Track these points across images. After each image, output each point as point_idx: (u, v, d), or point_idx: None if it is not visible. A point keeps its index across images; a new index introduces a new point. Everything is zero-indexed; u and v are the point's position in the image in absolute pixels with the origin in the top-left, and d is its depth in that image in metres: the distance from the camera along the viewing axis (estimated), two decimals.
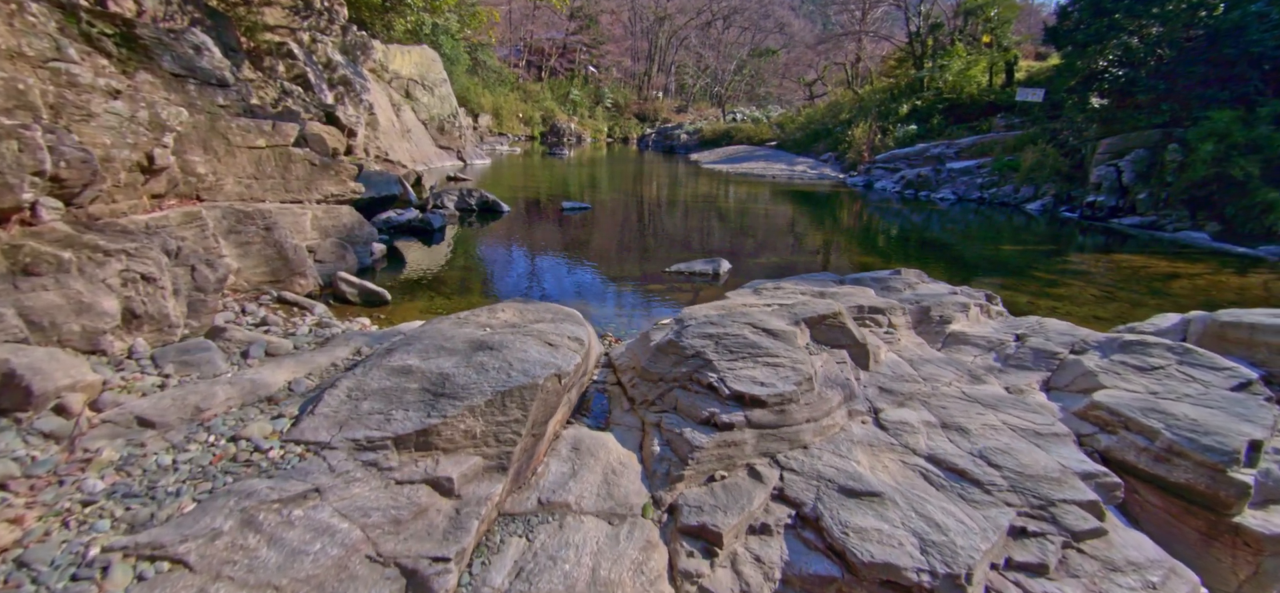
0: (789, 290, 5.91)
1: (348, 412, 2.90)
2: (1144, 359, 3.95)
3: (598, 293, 7.38)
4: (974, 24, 23.51)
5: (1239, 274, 10.17)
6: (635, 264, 8.89)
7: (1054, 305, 7.80)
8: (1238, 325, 4.55)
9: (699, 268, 7.95)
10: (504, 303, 4.96)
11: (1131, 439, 3.27)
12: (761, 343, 3.74)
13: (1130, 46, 15.31)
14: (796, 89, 41.13)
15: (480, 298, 6.91)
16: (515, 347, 3.41)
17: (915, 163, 20.12)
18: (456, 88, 31.63)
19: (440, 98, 22.12)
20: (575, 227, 11.61)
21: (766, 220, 14.04)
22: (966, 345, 5.06)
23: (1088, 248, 12.22)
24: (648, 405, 3.72)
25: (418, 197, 12.41)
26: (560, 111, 39.13)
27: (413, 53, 22.06)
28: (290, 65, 17.68)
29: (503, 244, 9.97)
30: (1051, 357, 4.40)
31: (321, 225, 7.42)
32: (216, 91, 6.96)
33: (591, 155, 31.43)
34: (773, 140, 29.64)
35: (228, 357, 4.20)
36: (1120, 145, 15.35)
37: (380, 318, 6.03)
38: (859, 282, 6.64)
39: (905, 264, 10.86)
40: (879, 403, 3.68)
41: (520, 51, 42.13)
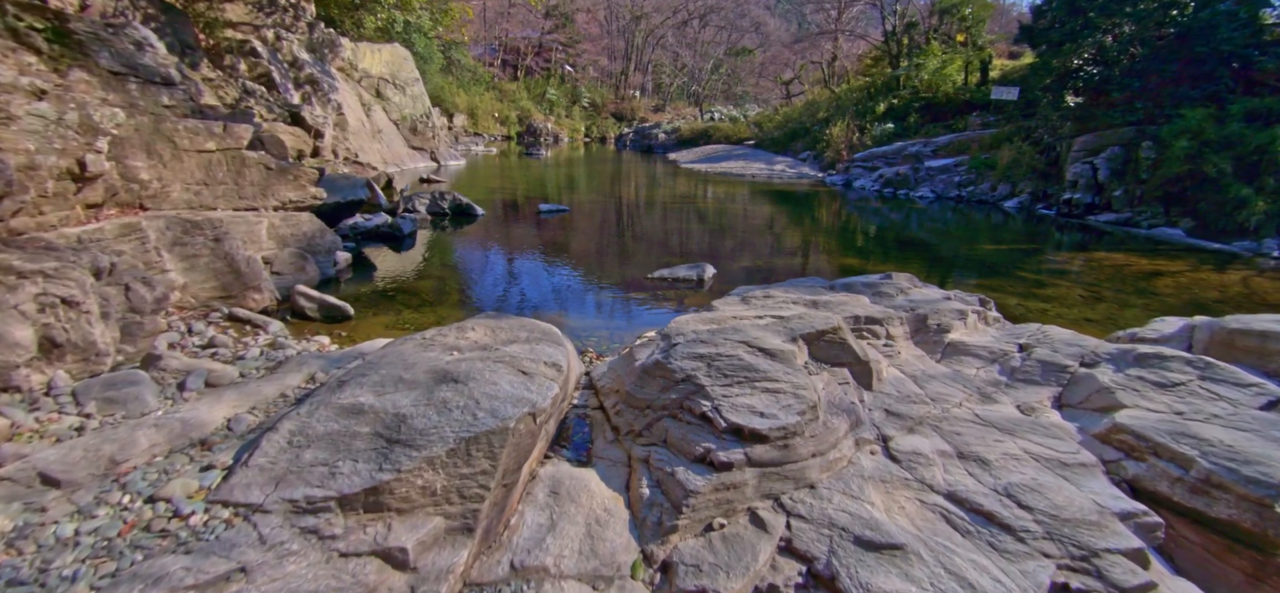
0: (779, 299, 5.57)
1: (287, 463, 2.46)
2: (1163, 374, 3.67)
3: (576, 302, 6.97)
4: (949, 23, 23.51)
5: (1217, 272, 10.13)
6: (616, 270, 8.50)
7: (1043, 308, 7.59)
8: (1247, 333, 4.32)
9: (682, 274, 7.59)
10: (475, 320, 4.54)
11: (1163, 468, 2.98)
12: (758, 365, 3.38)
13: (1104, 45, 15.31)
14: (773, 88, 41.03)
15: (451, 310, 6.47)
16: (484, 378, 3.00)
17: (893, 161, 20.01)
18: (430, 87, 30.86)
19: (413, 97, 21.46)
20: (552, 230, 11.18)
21: (748, 221, 13.75)
22: (968, 356, 4.76)
23: (1067, 246, 12.13)
24: (634, 437, 3.34)
25: (388, 200, 11.86)
26: (537, 111, 38.50)
27: (383, 51, 21.36)
28: (253, 64, 16.96)
29: (477, 250, 9.50)
30: (1061, 370, 4.12)
31: (279, 234, 6.90)
32: (161, 91, 6.40)
33: (569, 155, 30.91)
34: (751, 139, 29.43)
35: (161, 389, 3.72)
36: (1095, 143, 15.34)
37: (341, 336, 5.56)
38: (850, 288, 6.34)
39: (891, 265, 10.64)
40: (887, 429, 3.34)
41: (495, 50, 41.40)
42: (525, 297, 7.21)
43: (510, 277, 8.01)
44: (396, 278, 7.58)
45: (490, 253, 9.28)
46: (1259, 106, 12.80)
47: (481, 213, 11.67)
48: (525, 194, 15.71)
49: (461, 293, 7.17)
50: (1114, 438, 3.26)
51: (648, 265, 8.54)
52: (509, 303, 6.93)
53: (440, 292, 7.10)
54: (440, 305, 6.59)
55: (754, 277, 8.50)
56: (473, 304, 6.80)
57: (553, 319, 6.28)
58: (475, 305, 6.76)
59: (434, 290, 7.13)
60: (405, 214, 11.43)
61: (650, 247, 10.41)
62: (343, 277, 7.46)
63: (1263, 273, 10.11)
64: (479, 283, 7.65)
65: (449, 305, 6.64)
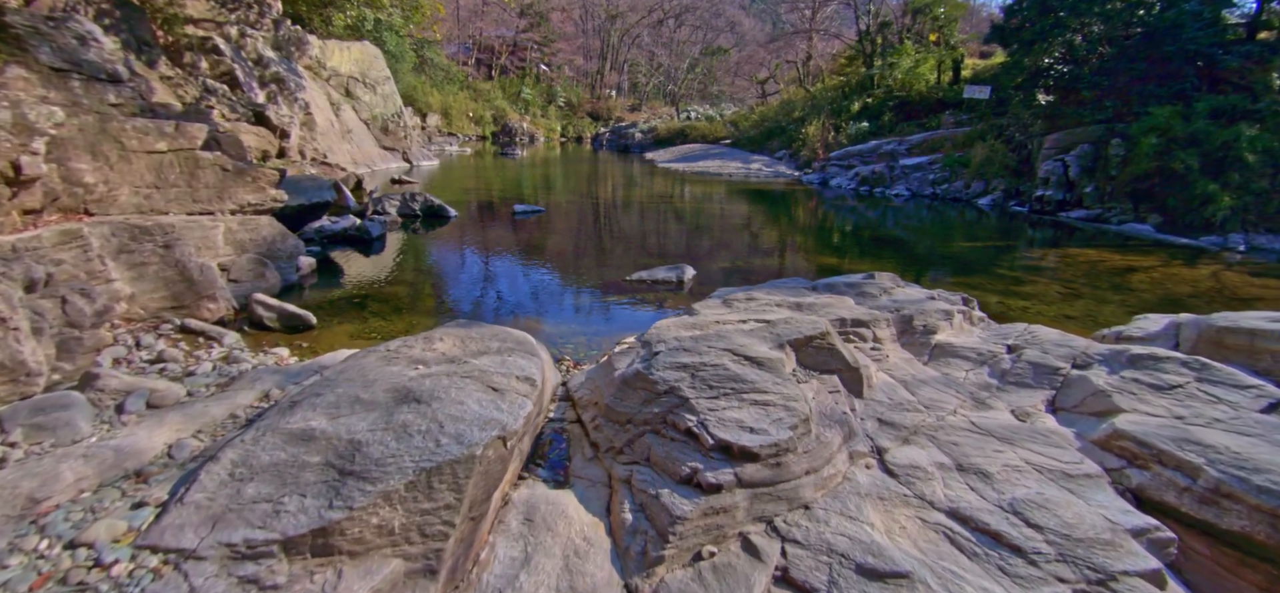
0: (762, 301, 5.39)
1: (227, 500, 2.19)
2: (1158, 376, 3.56)
3: (552, 307, 6.71)
4: (922, 22, 23.68)
5: (1188, 266, 10.23)
6: (593, 273, 8.25)
7: (1024, 305, 7.54)
8: (1236, 331, 4.24)
9: (662, 276, 7.38)
10: (444, 329, 4.27)
11: (1169, 477, 2.84)
12: (745, 375, 3.18)
13: (1074, 44, 15.48)
14: (749, 87, 41.08)
15: (421, 317, 6.17)
16: (449, 397, 2.74)
17: (869, 160, 20.06)
18: (402, 86, 30.23)
19: (383, 96, 20.93)
20: (527, 232, 10.88)
21: (726, 221, 13.60)
22: (955, 358, 4.63)
23: (1041, 242, 12.19)
24: (615, 454, 3.11)
25: (357, 201, 11.47)
26: (512, 111, 38.01)
27: (353, 49, 20.80)
28: (215, 62, 16.35)
29: (448, 253, 9.17)
30: (1053, 372, 3.99)
31: (237, 239, 6.53)
32: (107, 88, 6.00)
33: (545, 155, 30.54)
34: (727, 138, 29.36)
35: (98, 413, 3.38)
36: (1065, 141, 15.50)
37: (302, 347, 5.23)
38: (832, 288, 6.19)
39: (869, 263, 10.55)
40: (881, 440, 3.16)
41: (469, 49, 40.79)
42: (499, 302, 6.93)
43: (483, 281, 7.72)
44: (364, 284, 7.25)
45: (463, 256, 8.97)
46: (1223, 104, 13.01)
47: (454, 215, 11.33)
48: (500, 195, 15.37)
49: (432, 299, 6.87)
50: (1115, 445, 3.12)
51: (626, 267, 8.32)
52: (482, 309, 6.65)
53: (410, 298, 6.79)
54: (409, 312, 6.29)
55: (734, 277, 8.33)
56: (444, 311, 6.50)
57: (527, 325, 6.03)
58: (446, 312, 6.46)
59: (403, 296, 6.81)
60: (374, 216, 11.05)
61: (628, 247, 10.19)
62: (306, 283, 7.10)
63: (1231, 267, 10.24)
64: (451, 288, 7.35)
65: (419, 312, 6.33)
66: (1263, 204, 12.10)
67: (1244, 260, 10.86)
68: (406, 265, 8.16)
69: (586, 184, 19.39)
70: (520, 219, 11.69)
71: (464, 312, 6.49)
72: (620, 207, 15.05)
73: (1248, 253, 11.37)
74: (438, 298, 6.90)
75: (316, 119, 18.09)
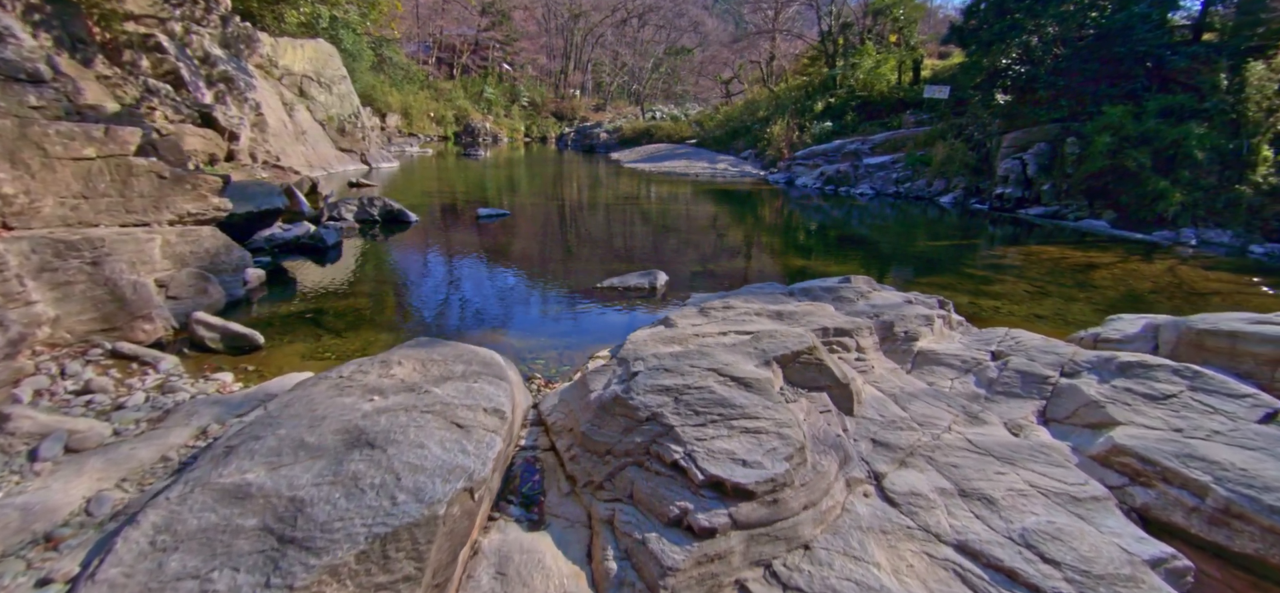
0: (740, 310, 5.18)
1: (145, 577, 1.85)
2: (1150, 385, 3.46)
3: (520, 318, 6.39)
4: (882, 23, 23.94)
5: (1145, 262, 10.46)
6: (562, 279, 7.95)
7: (995, 306, 7.53)
8: (1216, 334, 4.20)
9: (634, 282, 7.12)
10: (403, 349, 3.94)
11: (1175, 496, 2.72)
12: (733, 398, 2.95)
13: (1030, 45, 15.76)
14: (713, 87, 41.13)
15: (379, 332, 5.78)
16: (407, 439, 2.44)
17: (834, 159, 20.16)
18: (360, 85, 29.29)
19: (340, 96, 20.16)
20: (492, 236, 10.50)
21: (695, 222, 13.42)
22: (939, 366, 4.49)
23: (1002, 239, 12.34)
24: (594, 489, 2.85)
25: (311, 207, 10.92)
26: (474, 111, 37.26)
27: (306, 47, 19.98)
28: (158, 60, 15.51)
29: (409, 261, 8.75)
30: (1041, 381, 3.87)
31: (176, 253, 6.03)
32: (27, 89, 5.45)
33: (509, 156, 29.97)
34: (692, 138, 29.27)
35: (6, 461, 2.97)
36: (1023, 139, 15.80)
37: (248, 371, 4.82)
38: (809, 293, 6.03)
39: (840, 264, 10.51)
40: (878, 463, 2.97)
41: (429, 48, 39.84)
42: (463, 313, 6.58)
43: (447, 290, 7.35)
44: (318, 296, 6.81)
45: (424, 264, 8.56)
46: (1172, 103, 13.39)
47: (415, 219, 10.87)
48: (463, 198, 14.90)
49: (392, 312, 6.48)
50: (1115, 461, 2.99)
51: (596, 273, 8.04)
52: (445, 322, 6.29)
53: (368, 312, 6.39)
54: (367, 328, 5.89)
55: (707, 281, 8.13)
56: (404, 325, 6.13)
57: (494, 339, 5.70)
58: (407, 326, 6.09)
59: (361, 310, 6.40)
60: (330, 222, 10.53)
61: (597, 251, 9.90)
62: (255, 297, 6.63)
63: (1185, 262, 10.51)
64: (412, 299, 6.96)
65: (377, 327, 5.94)
66: (1211, 200, 12.49)
67: (1196, 254, 11.18)
68: (364, 275, 7.73)
69: (552, 185, 19.01)
70: (484, 223, 11.29)
71: (426, 326, 6.12)
72: (587, 208, 14.75)
73: (1198, 247, 11.71)
74: (398, 311, 6.51)
75: (268, 120, 17.31)
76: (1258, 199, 12.03)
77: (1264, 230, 11.78)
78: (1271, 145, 12.12)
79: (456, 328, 6.05)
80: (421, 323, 6.20)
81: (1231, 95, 12.42)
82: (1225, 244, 11.78)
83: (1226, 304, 8.21)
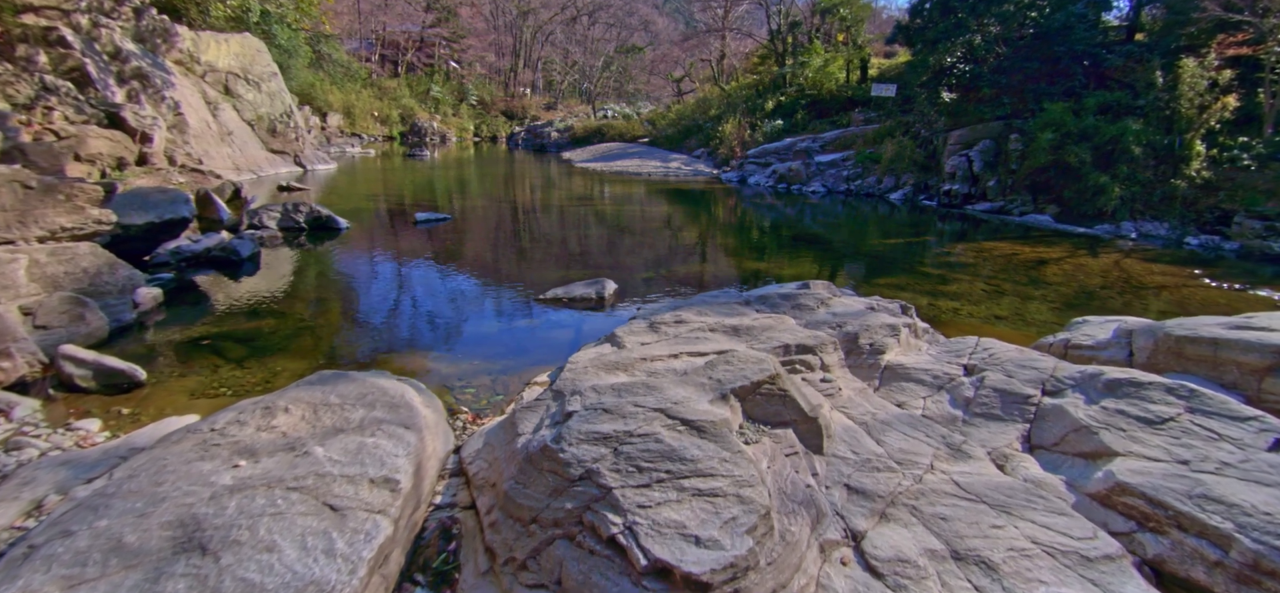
0: (694, 324, 4.67)
1: None
2: (1145, 407, 3.09)
3: (452, 337, 5.72)
4: (830, 23, 23.95)
5: (1091, 256, 10.48)
6: (503, 290, 7.29)
7: (954, 307, 7.26)
8: (1196, 341, 3.91)
9: (580, 292, 6.54)
10: (297, 389, 3.29)
11: (1193, 546, 2.32)
12: (684, 450, 2.42)
13: (974, 44, 15.84)
14: (665, 85, 40.76)
15: (288, 361, 5.03)
16: (257, 536, 1.81)
17: (785, 157, 19.98)
18: (296, 83, 27.71)
19: (270, 94, 18.83)
20: (430, 244, 9.74)
21: (648, 223, 12.90)
22: (909, 382, 4.08)
23: (952, 236, 12.26)
24: (516, 569, 2.27)
25: (231, 214, 9.94)
26: (421, 109, 35.85)
27: (232, 42, 18.57)
28: (60, 56, 14.10)
29: (334, 273, 7.94)
30: (1023, 401, 3.48)
31: (47, 274, 5.14)
32: None
33: (458, 156, 28.85)
34: (645, 137, 28.78)
35: None
36: (969, 136, 15.88)
37: (122, 415, 4.04)
38: (767, 301, 5.57)
39: (795, 265, 10.17)
40: (855, 517, 2.48)
41: (372, 45, 38.16)
42: (388, 334, 5.86)
43: (372, 307, 6.60)
44: (223, 319, 5.98)
45: (350, 276, 7.76)
46: (1110, 100, 13.61)
47: (346, 226, 10.00)
48: (403, 201, 13.99)
49: (306, 334, 5.71)
50: (1119, 502, 2.59)
51: (541, 281, 7.42)
52: (366, 344, 5.57)
53: (278, 334, 5.62)
54: (275, 355, 5.14)
55: (659, 287, 7.61)
56: (318, 350, 5.38)
57: (420, 365, 5.03)
58: (321, 351, 5.34)
59: (270, 333, 5.62)
60: (249, 231, 9.57)
61: (544, 258, 9.26)
62: (149, 322, 5.77)
63: (1129, 255, 10.58)
64: (330, 319, 6.19)
65: (287, 353, 5.19)
66: (1148, 194, 12.70)
67: (1136, 247, 11.31)
68: (280, 292, 6.91)
69: (499, 187, 18.20)
70: (422, 228, 10.50)
71: (344, 351, 5.39)
72: (535, 211, 14.05)
73: (1138, 240, 11.87)
74: (314, 333, 5.75)
75: (189, 120, 15.98)
76: (1191, 193, 12.28)
77: (1198, 223, 12.02)
78: (1203, 141, 12.38)
79: (379, 352, 5.35)
80: (339, 347, 5.47)
81: (1166, 92, 12.64)
82: (1162, 236, 11.99)
83: (1173, 297, 8.21)
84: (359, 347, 5.45)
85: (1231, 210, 11.79)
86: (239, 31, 20.44)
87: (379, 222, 11.44)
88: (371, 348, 5.42)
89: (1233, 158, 12.37)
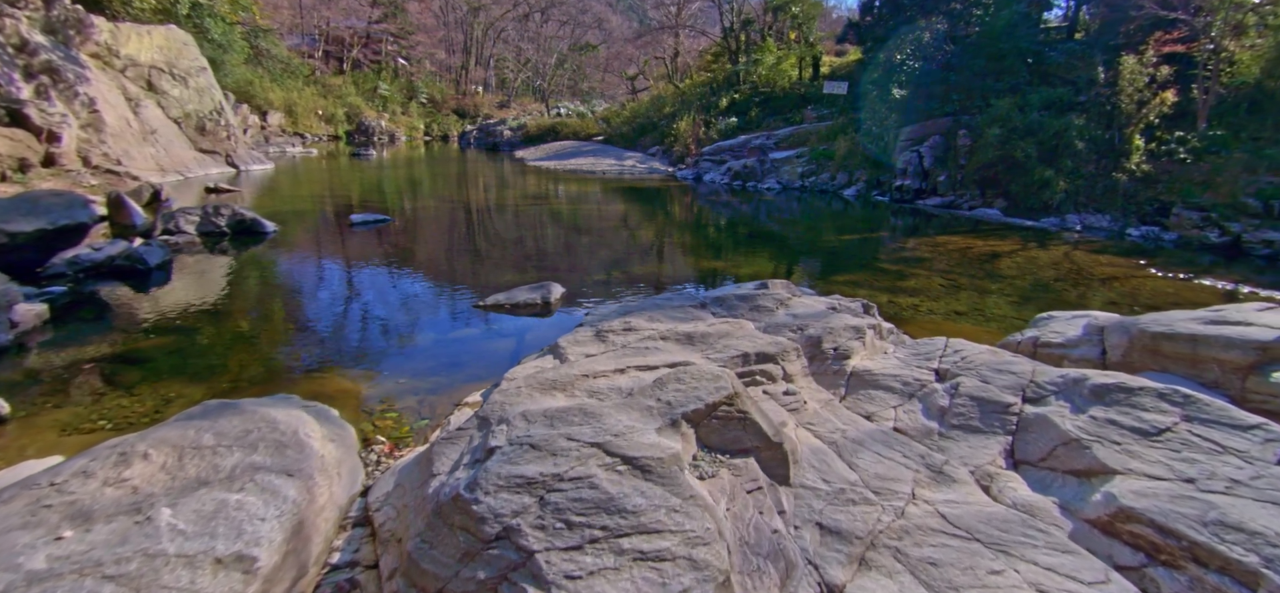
0: (644, 331, 4.23)
1: None
2: (1137, 416, 2.78)
3: (375, 352, 5.11)
4: (782, 20, 23.89)
5: (1041, 248, 10.50)
6: (441, 296, 6.69)
7: (914, 303, 7.02)
8: (1174, 337, 3.67)
9: (524, 297, 6.01)
10: (167, 428, 2.73)
11: (1214, 584, 1.99)
12: (625, 499, 1.96)
13: (922, 41, 15.89)
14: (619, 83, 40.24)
15: (183, 386, 4.36)
16: None
17: (740, 154, 19.77)
18: (233, 79, 26.13)
19: (198, 90, 17.54)
20: (364, 247, 9.02)
21: (600, 223, 12.41)
22: (878, 390, 3.73)
23: (905, 230, 12.18)
24: None
25: (146, 218, 9.00)
26: (368, 108, 34.40)
27: (155, 34, 17.22)
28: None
29: (254, 282, 7.18)
30: (1003, 410, 3.15)
31: None
32: None
33: (408, 155, 27.73)
34: (599, 135, 28.23)
35: None
36: (919, 133, 15.92)
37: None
38: (724, 303, 5.18)
39: (752, 264, 9.85)
40: (830, 567, 2.07)
41: (315, 41, 36.46)
42: (303, 350, 5.21)
43: (288, 320, 5.91)
44: (117, 337, 5.23)
45: (270, 286, 7.03)
46: (1053, 96, 13.79)
47: (272, 230, 9.19)
48: (341, 202, 13.11)
49: (209, 353, 5.02)
50: (1123, 530, 2.25)
51: (483, 287, 6.86)
52: (277, 361, 4.92)
53: (178, 354, 4.92)
54: (171, 379, 4.45)
55: (609, 290, 7.14)
56: (222, 369, 4.71)
57: (336, 384, 4.43)
58: (226, 370, 4.68)
59: (169, 353, 4.92)
60: (164, 237, 8.69)
61: (487, 261, 8.66)
62: (30, 343, 4.99)
63: (1077, 247, 10.65)
64: (240, 334, 5.50)
65: (185, 376, 4.51)
66: (1091, 187, 12.89)
67: (1082, 239, 11.42)
68: (190, 305, 6.15)
69: (446, 186, 17.39)
70: (358, 231, 9.76)
71: (252, 371, 4.72)
72: (482, 211, 13.37)
73: (1083, 232, 12.01)
74: (219, 352, 5.07)
75: (106, 118, 14.70)
76: (1132, 186, 12.51)
77: (1138, 215, 12.23)
78: (1143, 135, 12.63)
79: (292, 371, 4.71)
80: (247, 367, 4.80)
81: (1108, 87, 12.85)
82: (1105, 228, 12.16)
83: (1124, 288, 8.20)
84: (270, 366, 4.80)
85: (1169, 202, 12.05)
86: (166, 24, 19.01)
87: (311, 225, 10.62)
88: (285, 367, 4.78)
89: (1170, 152, 12.67)
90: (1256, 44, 13.46)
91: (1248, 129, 12.96)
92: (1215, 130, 12.78)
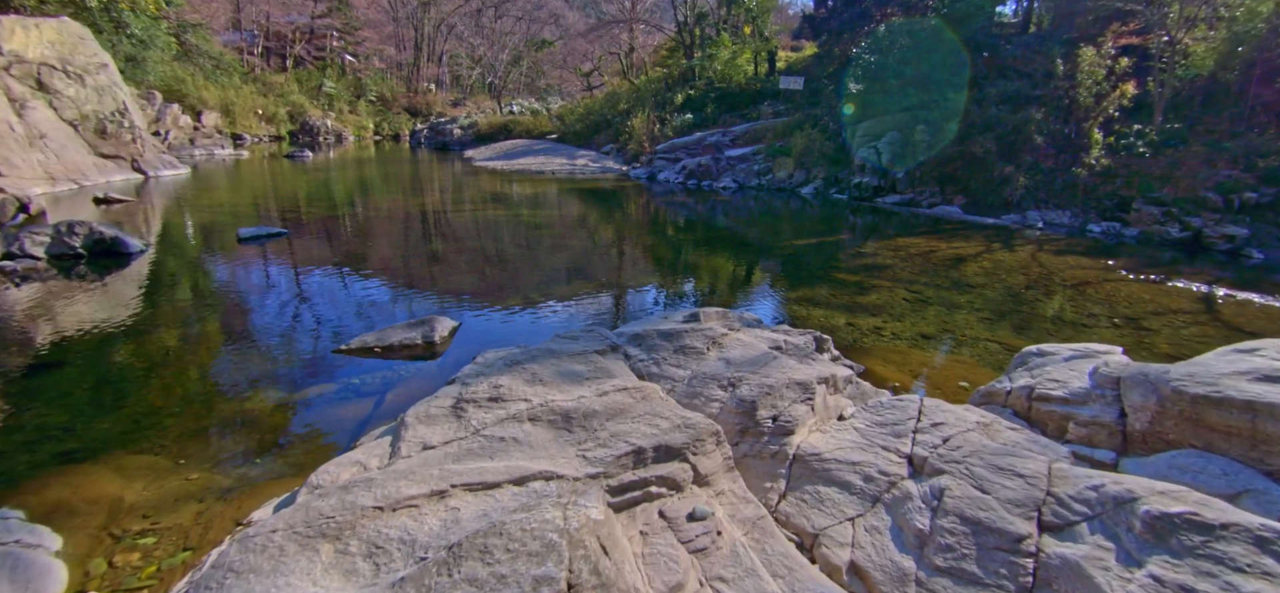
0: (516, 398, 3.04)
1: None
2: (1222, 576, 1.70)
3: (173, 427, 3.74)
4: (737, 15, 22.84)
5: (1007, 249, 9.64)
6: (295, 336, 5.29)
7: (877, 326, 5.97)
8: (1224, 404, 2.63)
9: (398, 338, 4.73)
10: None
11: None
12: None
13: (878, 34, 15.00)
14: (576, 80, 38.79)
15: None
16: None
17: (695, 152, 18.67)
18: (159, 77, 23.91)
19: (98, 89, 15.58)
20: (241, 268, 7.57)
21: (535, 231, 11.12)
22: (829, 486, 2.62)
23: (865, 231, 11.23)
24: None
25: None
26: (313, 107, 32.24)
27: (45, 28, 15.20)
28: None
29: (82, 320, 5.70)
30: (1012, 546, 2.05)
31: None
32: None
33: (355, 156, 25.83)
34: (553, 133, 26.80)
35: None
36: (876, 128, 15.05)
37: None
38: (641, 341, 4.03)
39: (694, 276, 8.69)
40: None
41: (255, 37, 34.06)
42: (79, 422, 3.84)
43: (78, 380, 4.50)
44: None
45: (103, 322, 5.57)
46: (1010, 90, 13.03)
47: (138, 249, 7.67)
48: (244, 212, 11.51)
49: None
50: None
51: (362, 318, 5.56)
52: (19, 456, 3.54)
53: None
54: None
55: (514, 325, 5.85)
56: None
57: (90, 485, 3.08)
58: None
59: None
60: (3, 262, 7.14)
61: (381, 284, 7.27)
62: None
63: (1042, 247, 9.82)
64: (35, 392, 4.11)
65: None
66: (1050, 182, 12.16)
67: (1044, 237, 10.64)
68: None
69: (374, 191, 15.81)
70: (243, 247, 8.28)
71: (31, 438, 3.37)
72: (402, 220, 11.91)
73: (1044, 229, 11.25)
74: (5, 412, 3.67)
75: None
76: (1091, 181, 11.80)
77: (1099, 210, 11.53)
78: (1101, 129, 11.93)
79: (41, 463, 3.36)
80: (34, 432, 3.43)
81: (1066, 80, 12.10)
82: (1066, 225, 11.43)
83: (1097, 294, 7.35)
84: (9, 463, 3.42)
85: (1129, 197, 11.37)
86: (73, 16, 16.92)
87: (190, 241, 9.07)
88: (28, 462, 3.40)
89: (1128, 145, 12.01)
90: (1209, 36, 12.91)
91: (1202, 122, 12.41)
92: (1171, 124, 12.17)
